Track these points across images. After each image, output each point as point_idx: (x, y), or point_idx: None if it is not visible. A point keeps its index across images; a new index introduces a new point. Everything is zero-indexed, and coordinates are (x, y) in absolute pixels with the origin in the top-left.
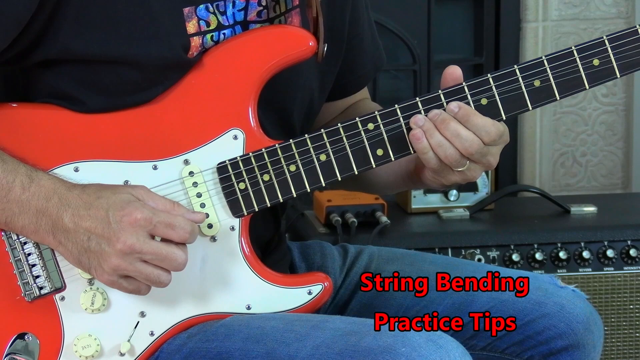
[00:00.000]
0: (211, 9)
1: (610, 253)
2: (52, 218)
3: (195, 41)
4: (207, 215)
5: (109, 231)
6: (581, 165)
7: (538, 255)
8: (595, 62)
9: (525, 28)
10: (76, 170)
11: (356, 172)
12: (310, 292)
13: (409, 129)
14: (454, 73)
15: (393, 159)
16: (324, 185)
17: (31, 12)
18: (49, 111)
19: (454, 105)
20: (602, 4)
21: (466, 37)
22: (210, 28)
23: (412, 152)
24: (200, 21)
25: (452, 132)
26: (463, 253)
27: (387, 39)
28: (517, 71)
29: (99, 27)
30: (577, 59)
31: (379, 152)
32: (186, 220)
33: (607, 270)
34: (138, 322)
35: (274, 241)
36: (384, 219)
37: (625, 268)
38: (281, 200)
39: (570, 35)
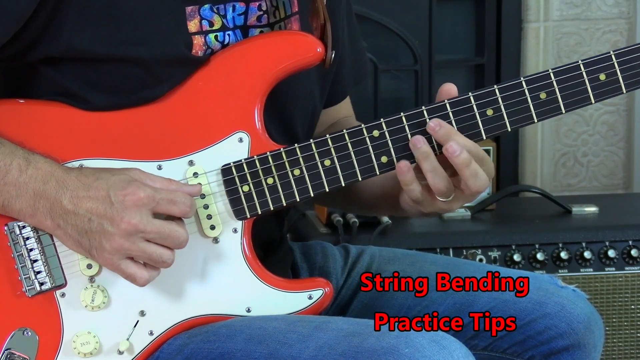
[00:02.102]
0: (214, 9)
1: (611, 253)
2: (50, 201)
3: (198, 40)
4: (201, 186)
5: (111, 211)
6: (582, 166)
7: (539, 256)
8: (602, 76)
9: (527, 28)
10: (81, 168)
11: (360, 179)
12: (310, 296)
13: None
14: (450, 90)
15: None
16: (327, 190)
17: (32, 7)
18: (55, 108)
19: (435, 123)
20: (603, 4)
21: (467, 38)
22: (214, 28)
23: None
24: (203, 20)
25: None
26: (464, 253)
27: (389, 39)
28: (524, 83)
29: (101, 25)
30: (584, 73)
31: (383, 159)
32: (185, 195)
33: (609, 271)
34: (138, 321)
35: (276, 242)
36: (385, 219)
37: (626, 268)
38: (284, 205)
39: (571, 35)
